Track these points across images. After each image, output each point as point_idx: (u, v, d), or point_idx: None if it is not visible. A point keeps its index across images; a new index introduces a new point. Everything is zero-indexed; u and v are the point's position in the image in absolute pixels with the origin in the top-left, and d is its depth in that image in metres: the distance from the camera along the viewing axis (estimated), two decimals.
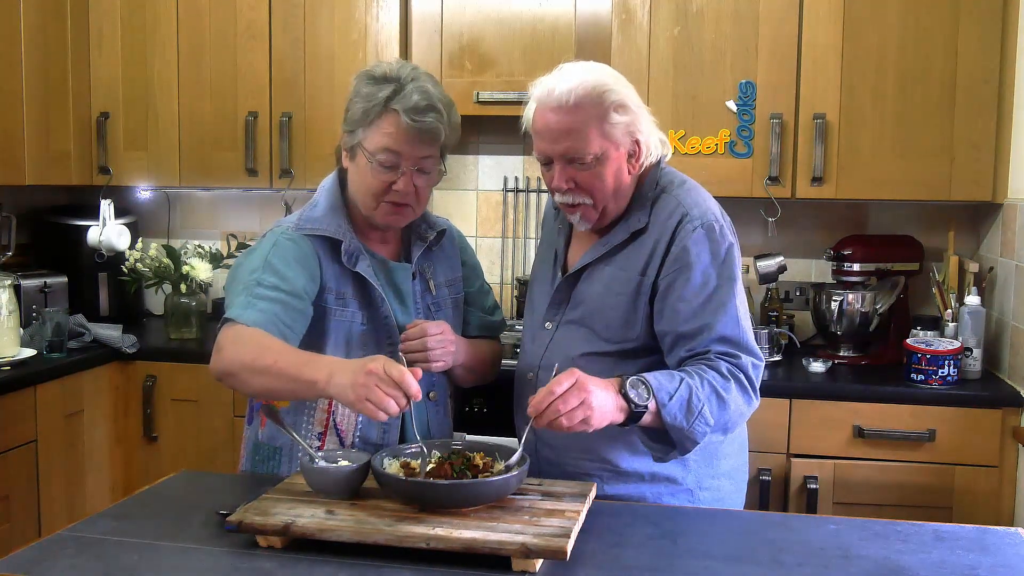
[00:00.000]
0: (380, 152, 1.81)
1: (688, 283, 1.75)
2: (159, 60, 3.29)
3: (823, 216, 3.21)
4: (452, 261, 2.05)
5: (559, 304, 1.89)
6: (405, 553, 1.45)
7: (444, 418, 2.02)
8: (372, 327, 1.88)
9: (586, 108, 1.74)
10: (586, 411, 1.57)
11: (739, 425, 1.83)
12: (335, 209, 1.89)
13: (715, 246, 1.77)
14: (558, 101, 1.74)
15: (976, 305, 2.76)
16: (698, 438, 1.69)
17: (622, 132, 1.77)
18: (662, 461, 1.77)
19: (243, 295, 1.76)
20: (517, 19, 3.05)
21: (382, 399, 1.50)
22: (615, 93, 1.76)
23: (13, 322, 2.81)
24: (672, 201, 1.81)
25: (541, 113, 1.78)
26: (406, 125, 1.78)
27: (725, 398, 1.70)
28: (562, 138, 1.75)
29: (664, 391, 1.66)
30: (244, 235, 3.45)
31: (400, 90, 1.81)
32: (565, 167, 1.78)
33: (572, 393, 1.57)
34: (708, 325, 1.74)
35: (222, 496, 1.71)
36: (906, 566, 1.48)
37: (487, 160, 3.47)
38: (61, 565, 1.45)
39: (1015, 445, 2.58)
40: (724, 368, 1.73)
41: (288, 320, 1.75)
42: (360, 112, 1.83)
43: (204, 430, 3.04)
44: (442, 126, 1.81)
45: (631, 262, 1.81)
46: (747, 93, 2.88)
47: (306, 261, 1.83)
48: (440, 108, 1.81)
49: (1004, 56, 2.75)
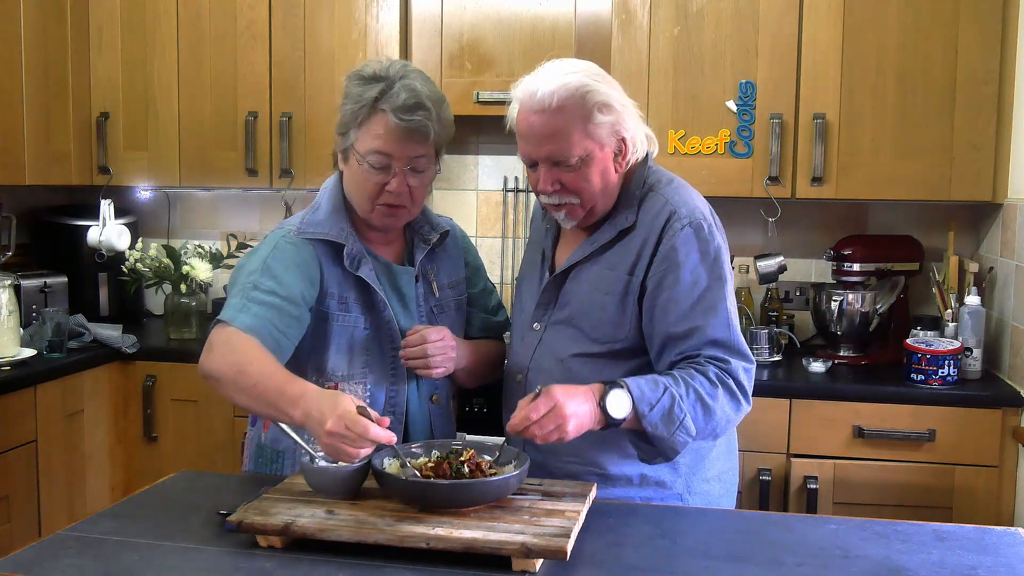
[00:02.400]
0: (370, 154, 1.79)
1: (677, 283, 1.73)
2: (159, 60, 3.29)
3: (823, 216, 3.21)
4: (456, 262, 2.03)
5: (547, 304, 1.87)
6: (405, 553, 1.45)
7: (448, 419, 2.01)
8: (374, 331, 1.87)
9: (569, 110, 1.71)
10: (560, 433, 1.60)
11: (728, 430, 1.82)
12: (337, 211, 1.87)
13: (704, 245, 1.75)
14: (540, 104, 1.71)
15: (976, 305, 2.76)
16: (679, 447, 1.69)
17: (607, 132, 1.75)
18: (649, 463, 1.77)
19: (239, 297, 1.75)
20: (517, 19, 3.05)
21: (352, 453, 1.52)
22: (598, 93, 1.73)
23: (13, 322, 2.81)
24: (660, 199, 1.79)
25: (524, 115, 1.75)
26: (394, 125, 1.76)
27: (711, 406, 1.69)
28: (546, 141, 1.73)
29: (645, 402, 1.65)
30: (244, 235, 3.45)
31: (388, 89, 1.78)
32: (550, 169, 1.76)
33: (549, 419, 1.59)
34: (699, 328, 1.73)
35: (222, 496, 1.71)
36: (906, 566, 1.48)
37: (487, 160, 3.47)
38: (61, 565, 1.45)
39: (1015, 445, 2.58)
40: (712, 374, 1.71)
41: (282, 326, 1.74)
42: (350, 114, 1.81)
43: (204, 430, 3.04)
44: (431, 124, 1.78)
45: (619, 261, 1.80)
46: (747, 93, 2.88)
47: (306, 266, 1.81)
48: (428, 105, 1.78)
49: (1004, 56, 2.75)
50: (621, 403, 1.64)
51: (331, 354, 1.85)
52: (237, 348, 1.67)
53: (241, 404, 1.69)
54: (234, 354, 1.67)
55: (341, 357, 1.85)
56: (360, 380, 1.86)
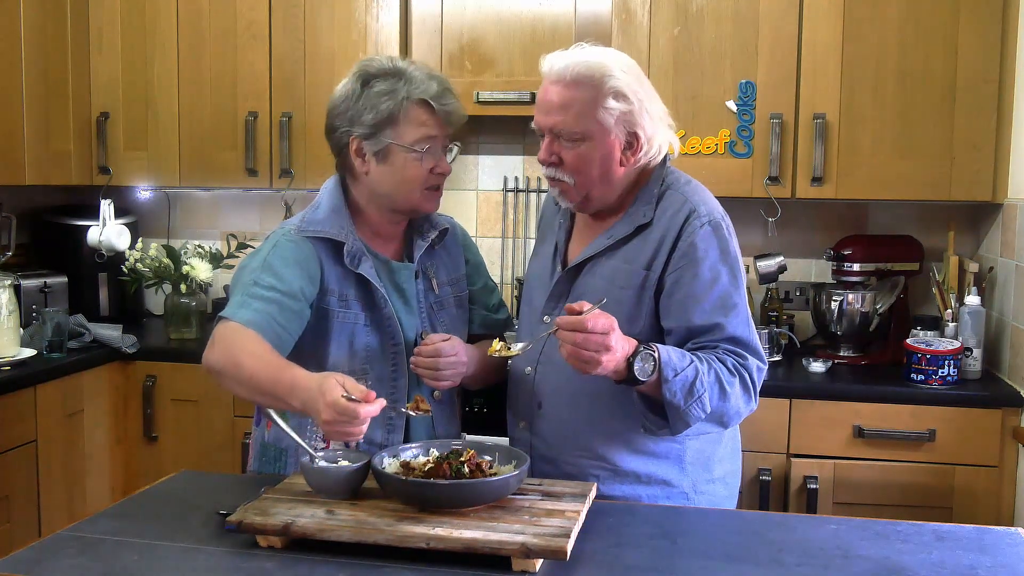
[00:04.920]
0: (419, 142, 1.84)
1: (697, 278, 1.75)
2: (159, 60, 3.29)
3: (823, 216, 3.21)
4: (456, 259, 2.05)
5: (558, 297, 1.87)
6: (405, 553, 1.45)
7: (451, 418, 2.02)
8: (375, 328, 1.88)
9: (582, 86, 1.74)
10: (592, 363, 1.59)
11: (736, 422, 1.83)
12: (337, 211, 1.89)
13: (723, 244, 1.77)
14: (558, 75, 1.76)
15: (976, 305, 2.76)
16: (691, 421, 1.70)
17: (616, 120, 1.76)
18: (651, 433, 1.77)
19: (240, 294, 1.78)
20: (517, 19, 3.06)
21: (354, 433, 1.55)
22: (616, 80, 1.75)
23: (13, 322, 2.81)
24: (679, 197, 1.81)
25: (544, 86, 1.80)
26: (435, 109, 1.84)
27: (728, 391, 1.71)
28: (553, 111, 1.77)
29: (671, 367, 1.66)
30: (244, 235, 3.45)
31: (411, 80, 1.84)
32: (553, 141, 1.79)
33: (595, 339, 1.57)
34: (720, 325, 1.74)
35: (222, 496, 1.71)
36: (906, 566, 1.48)
37: (487, 160, 3.47)
38: (61, 565, 1.45)
39: (1015, 445, 2.58)
40: (731, 364, 1.74)
41: (283, 320, 1.77)
42: (384, 114, 1.83)
43: (204, 430, 3.04)
44: (460, 106, 1.88)
45: (636, 256, 1.80)
46: (747, 93, 2.88)
47: (306, 263, 1.83)
48: (453, 90, 1.89)
49: (1004, 56, 2.75)
50: (646, 367, 1.64)
51: (332, 351, 1.86)
52: (236, 342, 1.71)
53: (243, 396, 1.73)
54: (232, 347, 1.70)
55: (342, 354, 1.86)
56: (361, 376, 1.86)
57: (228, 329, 1.73)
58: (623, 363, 1.63)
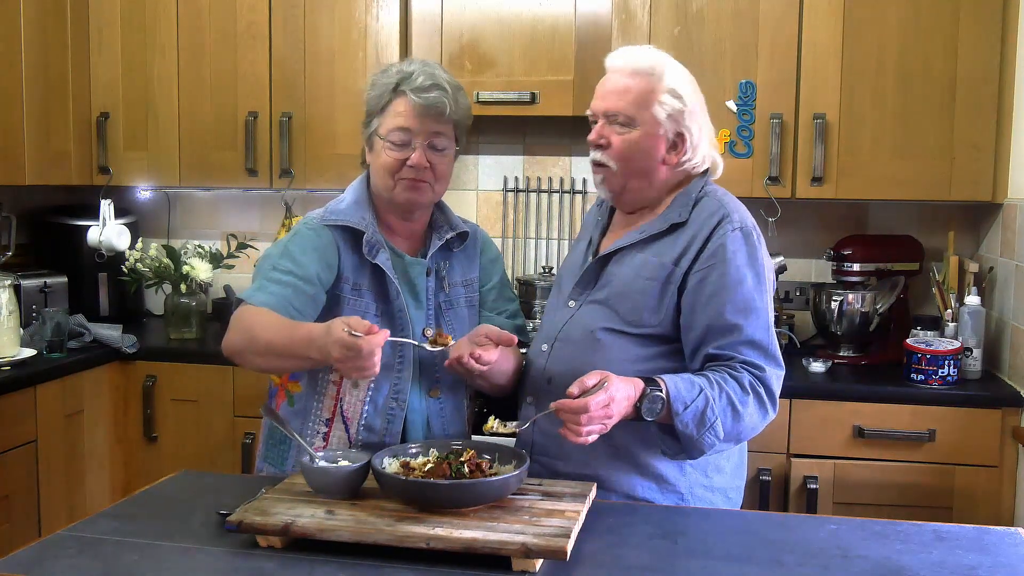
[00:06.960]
0: (392, 132, 1.89)
1: (722, 277, 1.76)
2: (159, 60, 3.29)
3: (823, 216, 3.21)
4: (472, 262, 2.08)
5: (586, 284, 1.91)
6: (405, 553, 1.45)
7: (453, 418, 2.01)
8: (385, 319, 1.91)
9: (640, 77, 1.83)
10: (598, 431, 1.63)
11: (752, 436, 1.84)
12: (360, 203, 1.96)
13: (752, 250, 1.80)
14: (619, 66, 1.86)
15: (976, 305, 2.76)
16: (705, 449, 1.72)
17: (666, 114, 1.82)
18: (671, 459, 1.80)
19: (259, 279, 1.88)
20: (517, 19, 3.06)
21: (368, 367, 1.61)
22: (673, 80, 1.84)
23: (13, 322, 2.81)
24: (715, 203, 1.85)
25: (605, 76, 1.88)
26: (413, 103, 1.88)
27: (740, 412, 1.73)
28: (609, 96, 1.85)
29: (680, 401, 1.68)
30: (244, 235, 3.45)
31: (408, 76, 1.90)
32: (604, 124, 1.85)
33: (599, 412, 1.60)
34: (739, 326, 1.75)
35: (222, 496, 1.71)
36: (906, 566, 1.48)
37: (487, 160, 3.47)
38: (61, 565, 1.45)
39: (1015, 445, 2.58)
40: (746, 381, 1.74)
41: (298, 304, 1.84)
42: (373, 101, 1.93)
43: (204, 430, 3.04)
44: (447, 101, 1.88)
45: (666, 251, 1.83)
46: (747, 93, 2.88)
47: (324, 250, 1.90)
48: (445, 86, 1.90)
49: (1004, 56, 2.75)
50: (655, 408, 1.67)
51: None
52: (250, 320, 1.79)
53: (267, 368, 1.85)
54: (247, 325, 1.80)
55: None
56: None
57: (244, 311, 1.82)
58: (631, 409, 1.66)
